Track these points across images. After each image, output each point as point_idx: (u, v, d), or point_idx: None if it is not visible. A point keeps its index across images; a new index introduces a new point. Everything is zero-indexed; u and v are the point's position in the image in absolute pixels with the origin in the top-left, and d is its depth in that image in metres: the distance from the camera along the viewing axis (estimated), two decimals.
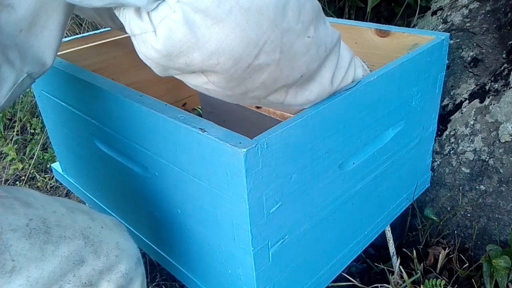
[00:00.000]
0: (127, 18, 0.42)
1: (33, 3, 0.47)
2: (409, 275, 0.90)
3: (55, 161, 1.04)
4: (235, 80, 0.45)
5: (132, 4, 0.39)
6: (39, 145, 1.51)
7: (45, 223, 0.50)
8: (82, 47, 0.96)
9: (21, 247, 0.47)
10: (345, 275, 0.89)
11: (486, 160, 0.90)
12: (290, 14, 0.44)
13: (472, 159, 0.92)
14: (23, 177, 1.47)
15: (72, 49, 0.94)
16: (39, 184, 1.45)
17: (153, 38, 0.40)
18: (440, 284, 0.83)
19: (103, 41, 1.00)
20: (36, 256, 0.47)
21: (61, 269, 0.49)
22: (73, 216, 0.54)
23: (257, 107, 0.88)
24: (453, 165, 0.95)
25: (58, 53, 0.87)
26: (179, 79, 0.50)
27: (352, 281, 0.88)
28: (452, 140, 0.96)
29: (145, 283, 0.60)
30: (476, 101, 0.94)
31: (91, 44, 0.98)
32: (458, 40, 1.04)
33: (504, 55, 0.96)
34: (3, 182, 1.48)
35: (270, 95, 0.51)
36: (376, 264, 0.95)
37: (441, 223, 0.96)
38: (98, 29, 1.05)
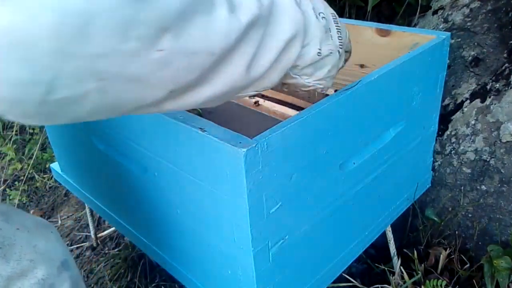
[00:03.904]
0: None
1: None
2: (410, 276, 0.90)
3: (54, 161, 1.03)
4: (36, 116, 0.35)
5: None
6: (38, 145, 1.51)
7: None
8: None
9: None
10: (346, 275, 0.89)
11: (487, 160, 0.90)
12: (98, 36, 0.32)
13: (473, 159, 0.92)
14: (22, 177, 1.47)
15: None
16: (38, 184, 1.45)
17: None
18: (441, 285, 0.83)
19: None
20: None
21: None
22: None
23: (257, 106, 0.88)
24: (454, 165, 0.94)
25: None
26: None
27: (352, 282, 0.88)
28: (453, 140, 0.95)
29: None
30: (477, 100, 0.94)
31: None
32: (459, 39, 1.03)
33: (505, 55, 0.95)
34: (2, 182, 1.48)
35: (136, 111, 0.42)
36: (376, 264, 0.94)
37: (442, 223, 0.96)
38: None
